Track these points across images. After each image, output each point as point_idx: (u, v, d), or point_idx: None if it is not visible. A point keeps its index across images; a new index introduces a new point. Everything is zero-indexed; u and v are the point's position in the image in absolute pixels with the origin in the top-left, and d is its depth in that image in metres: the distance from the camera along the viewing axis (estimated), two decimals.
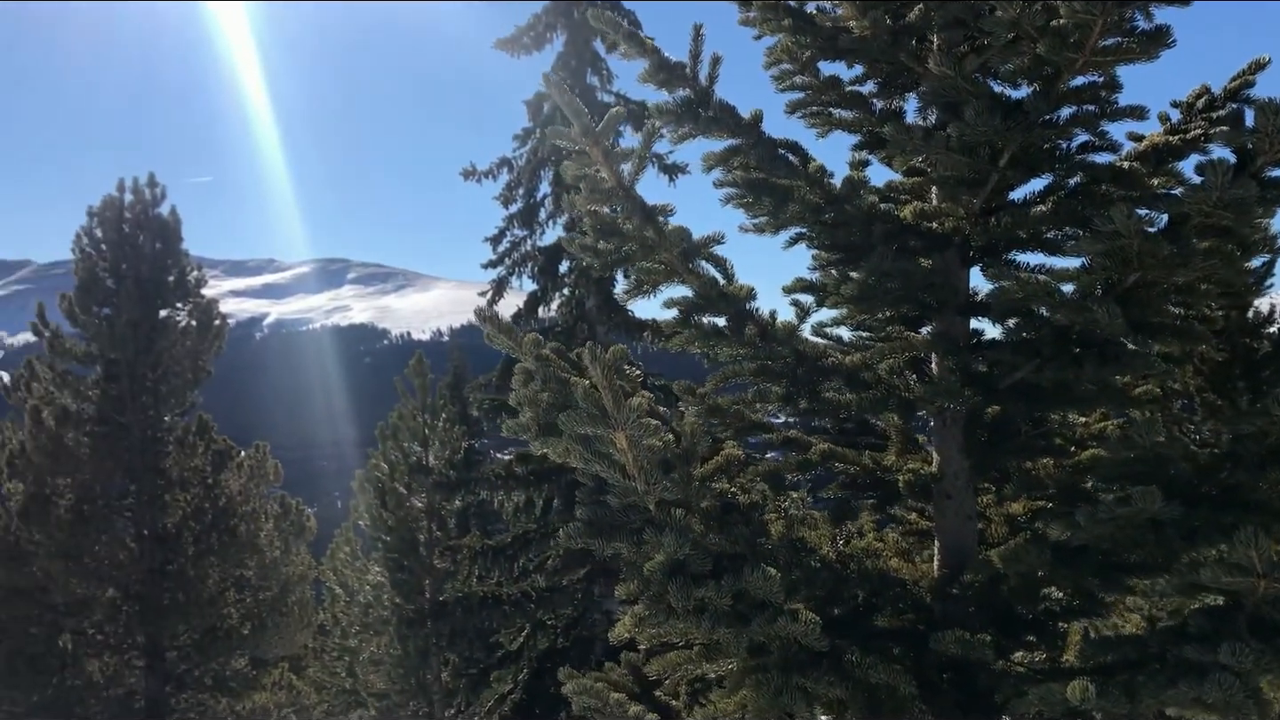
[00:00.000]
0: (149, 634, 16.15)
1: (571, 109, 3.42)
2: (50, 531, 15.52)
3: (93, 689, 16.27)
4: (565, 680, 3.91)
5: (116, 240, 17.02)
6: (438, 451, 15.85)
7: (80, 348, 16.77)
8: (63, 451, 15.97)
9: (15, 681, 15.64)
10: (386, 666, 14.15)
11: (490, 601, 14.34)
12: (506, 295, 17.20)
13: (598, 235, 3.66)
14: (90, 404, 16.54)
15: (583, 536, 3.10)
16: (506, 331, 3.14)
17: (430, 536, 15.13)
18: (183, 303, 17.43)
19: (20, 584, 15.62)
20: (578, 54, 16.44)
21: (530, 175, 16.82)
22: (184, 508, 16.64)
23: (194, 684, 16.92)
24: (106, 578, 16.07)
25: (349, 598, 17.66)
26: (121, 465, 16.42)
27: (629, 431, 2.82)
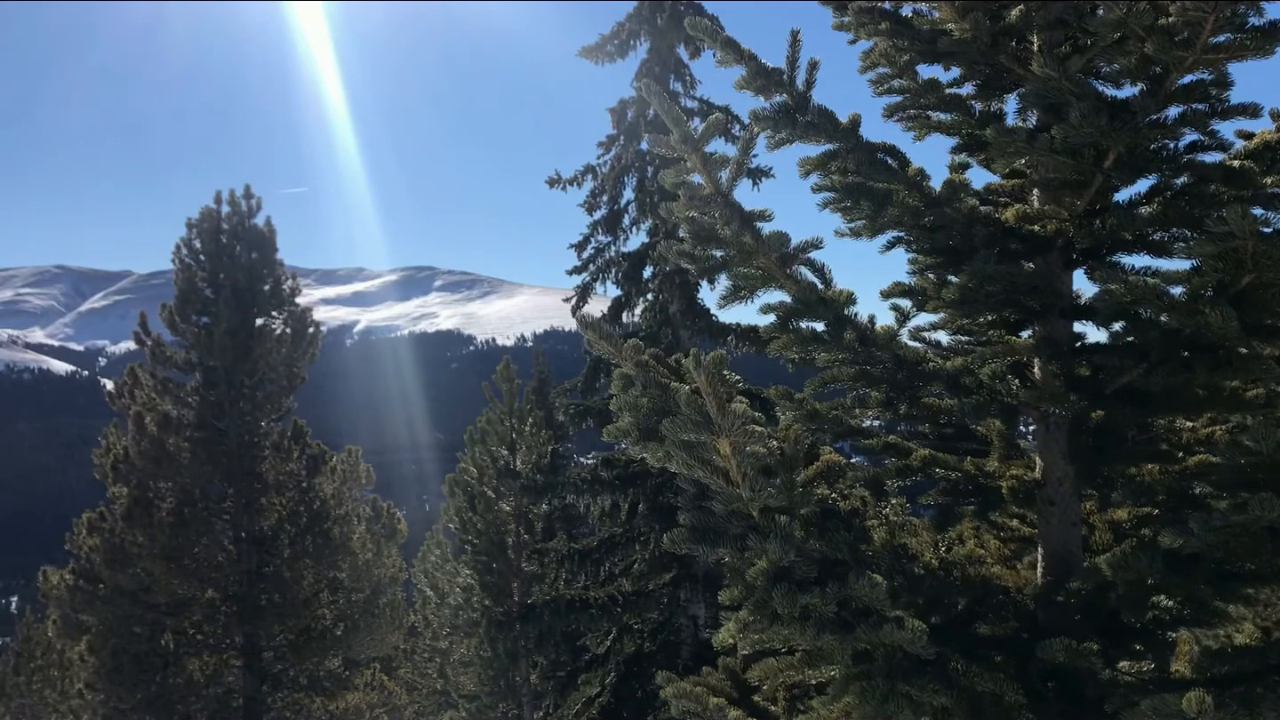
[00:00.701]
0: (246, 634, 16.54)
1: (671, 117, 3.44)
2: (153, 534, 15.99)
3: (193, 687, 16.70)
4: (663, 684, 3.92)
5: (214, 251, 17.48)
6: (525, 455, 15.99)
7: (180, 355, 17.24)
8: (164, 456, 16.44)
9: (120, 679, 16.13)
10: (476, 668, 14.33)
11: (577, 605, 14.42)
12: (591, 301, 17.29)
13: (696, 242, 3.67)
14: (190, 410, 17.00)
15: (686, 542, 3.11)
16: (606, 338, 3.17)
17: (518, 540, 15.28)
18: (278, 311, 17.83)
19: (124, 584, 16.11)
20: (661, 60, 16.47)
21: (614, 182, 16.89)
22: (280, 511, 17.02)
23: (289, 684, 17.27)
24: (206, 579, 16.48)
25: (439, 600, 17.91)
26: (220, 469, 16.85)
27: (732, 438, 2.83)
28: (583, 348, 16.77)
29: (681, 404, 2.82)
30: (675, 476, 15.10)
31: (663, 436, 3.01)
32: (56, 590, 17.44)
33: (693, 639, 15.29)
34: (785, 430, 3.35)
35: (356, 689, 17.72)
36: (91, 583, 16.75)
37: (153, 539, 15.97)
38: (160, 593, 16.14)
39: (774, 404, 4.30)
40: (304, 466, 17.37)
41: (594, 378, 16.48)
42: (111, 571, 16.21)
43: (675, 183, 3.64)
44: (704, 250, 3.69)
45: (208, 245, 17.49)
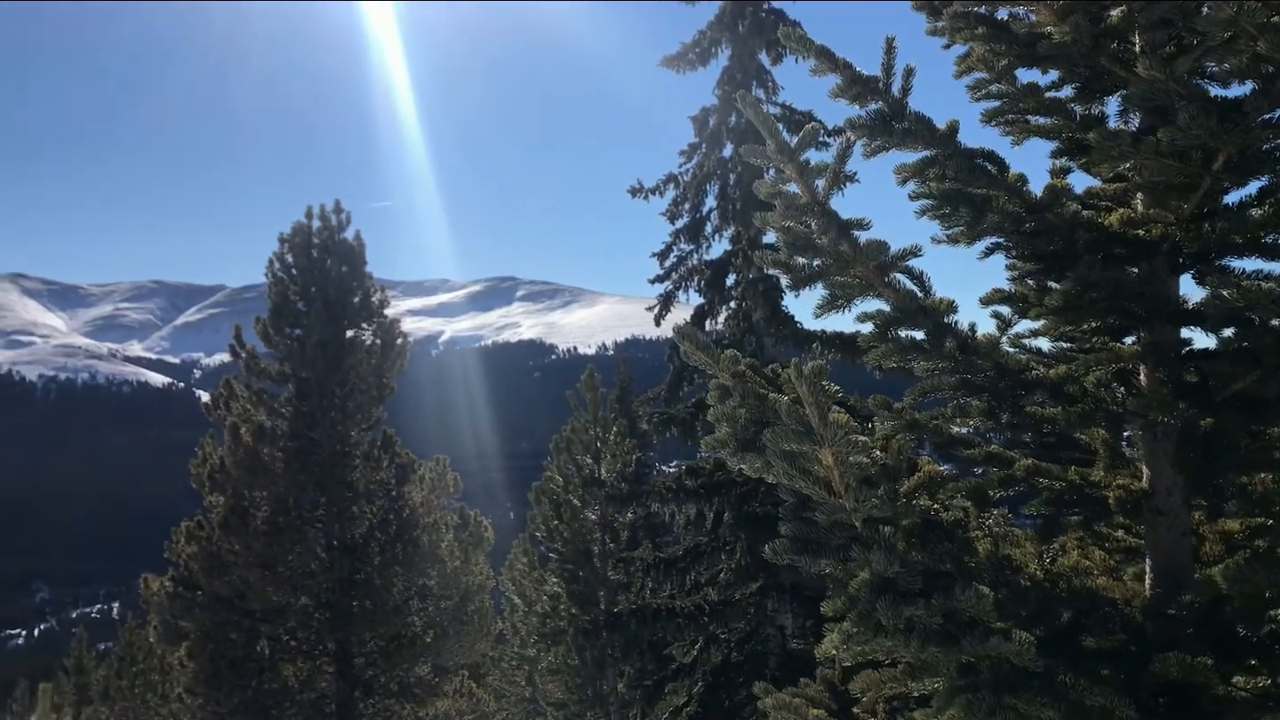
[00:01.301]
0: (339, 640, 16.85)
1: (766, 127, 3.45)
2: (248, 541, 16.37)
3: (288, 693, 17.04)
4: (761, 695, 3.90)
5: (306, 265, 17.86)
6: (609, 464, 16.05)
7: (274, 367, 17.64)
8: (259, 466, 16.83)
9: (218, 684, 16.53)
10: (564, 676, 14.41)
11: (663, 614, 14.41)
12: (673, 309, 17.29)
13: (791, 251, 3.66)
14: (284, 420, 17.38)
15: (788, 553, 3.10)
16: (703, 348, 3.18)
17: (604, 548, 15.34)
18: (367, 323, 18.16)
19: (221, 591, 16.52)
20: (743, 68, 16.45)
21: (696, 190, 16.89)
22: (370, 519, 17.31)
23: (380, 690, 17.54)
24: (300, 586, 16.82)
25: (527, 608, 18.05)
26: (313, 478, 17.19)
27: (835, 448, 2.81)
28: (665, 356, 16.78)
29: (782, 414, 2.82)
30: (761, 485, 15.02)
31: (761, 447, 3.00)
32: (157, 597, 17.96)
33: (780, 649, 15.18)
34: (888, 440, 3.32)
35: (446, 696, 17.93)
36: (190, 590, 17.21)
37: (248, 547, 16.35)
38: (256, 599, 16.51)
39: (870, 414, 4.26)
40: (393, 475, 17.63)
41: (677, 386, 16.47)
42: (209, 579, 16.63)
43: (771, 192, 3.64)
44: (799, 259, 3.68)
45: (300, 259, 17.87)
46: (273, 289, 17.85)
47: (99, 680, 29.78)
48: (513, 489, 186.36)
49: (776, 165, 3.54)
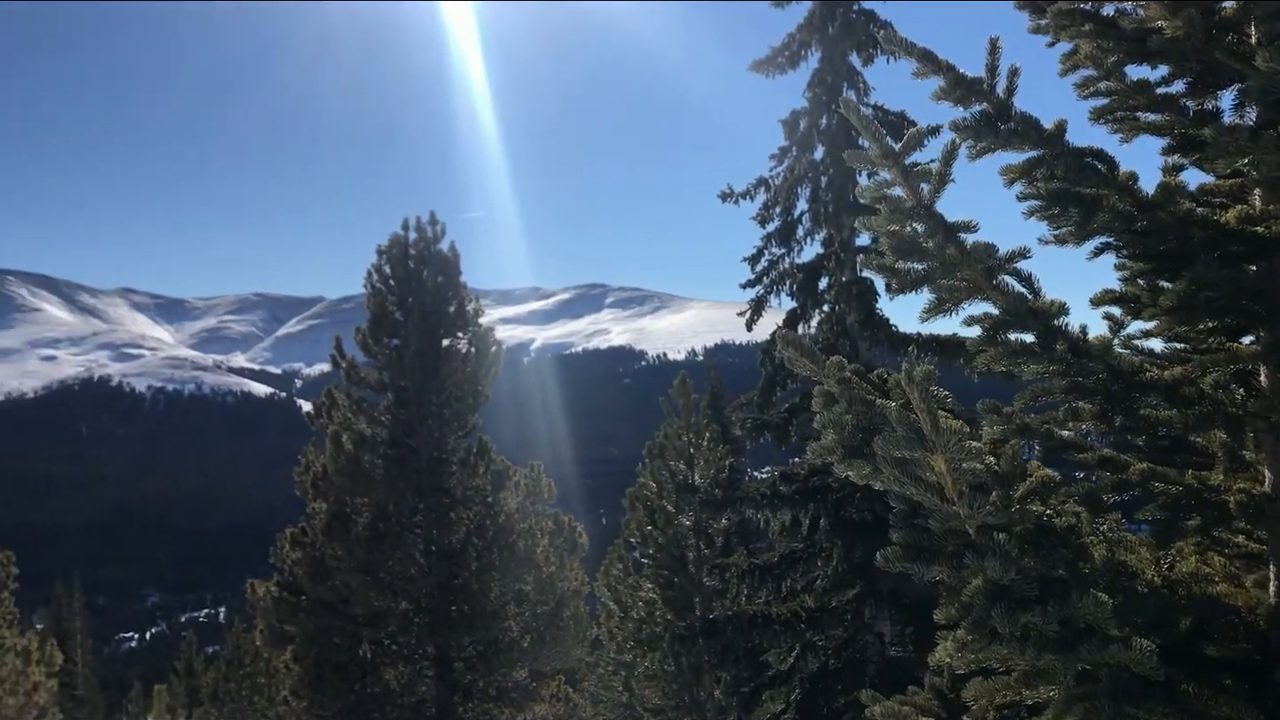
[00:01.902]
0: (438, 645, 17.11)
1: (869, 130, 3.43)
2: (350, 547, 16.73)
3: (389, 696, 17.36)
4: (869, 703, 3.87)
5: (403, 276, 18.21)
6: (703, 470, 16.04)
7: (373, 376, 18.00)
8: (360, 473, 17.19)
9: (323, 687, 16.91)
10: (661, 682, 14.42)
11: (760, 621, 14.33)
12: (765, 314, 17.22)
13: (896, 255, 3.64)
14: (383, 428, 17.73)
15: (900, 560, 3.08)
16: (808, 354, 3.17)
17: (698, 554, 15.33)
18: (462, 332, 18.43)
19: (325, 596, 16.90)
20: (834, 70, 16.33)
21: (787, 193, 16.80)
22: (467, 525, 17.54)
23: (479, 694, 17.75)
24: (400, 591, 17.13)
25: (623, 613, 18.12)
26: (412, 485, 17.50)
27: (947, 454, 2.79)
28: (757, 361, 16.72)
29: (893, 420, 2.80)
30: (857, 491, 14.85)
31: (869, 453, 2.98)
32: (263, 601, 18.45)
33: (879, 657, 15.00)
34: (1001, 445, 3.27)
35: (543, 700, 18.08)
36: (295, 594, 17.64)
37: (350, 552, 16.70)
38: (358, 604, 16.86)
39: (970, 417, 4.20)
40: (489, 481, 17.85)
41: (770, 391, 16.39)
42: (313, 584, 17.03)
43: (875, 196, 3.62)
44: (905, 263, 3.65)
45: (397, 270, 18.23)
46: (371, 300, 18.22)
47: (208, 682, 30.70)
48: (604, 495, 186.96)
49: (881, 169, 3.52)
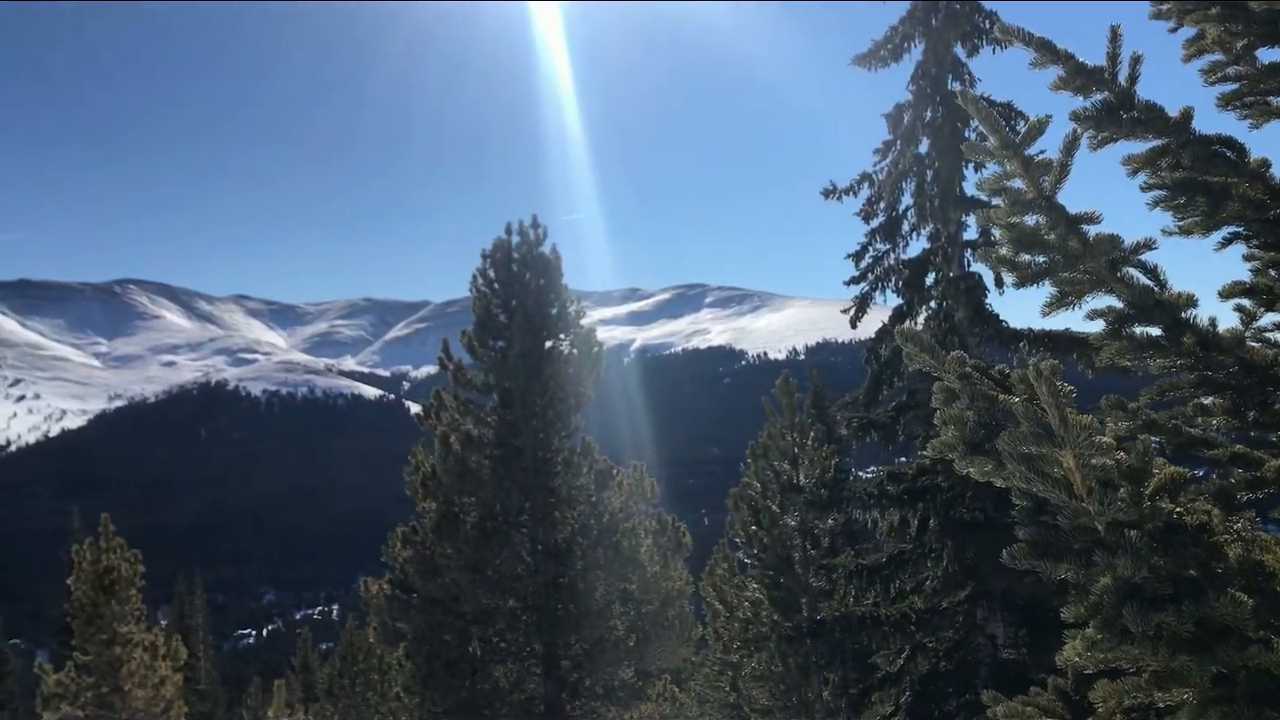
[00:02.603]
0: (545, 643, 17.31)
1: (989, 122, 3.37)
2: (459, 546, 17.04)
3: (499, 693, 17.62)
4: (990, 704, 3.81)
5: (507, 279, 18.46)
6: (807, 470, 15.92)
7: (479, 378, 18.29)
8: (468, 473, 17.50)
9: (434, 684, 17.25)
10: (768, 682, 14.37)
11: (868, 622, 14.18)
12: (870, 311, 17.02)
13: (1017, 248, 3.57)
14: (489, 429, 18.00)
15: (1026, 558, 3.02)
16: (928, 349, 3.13)
17: (804, 555, 15.22)
18: (565, 333, 18.61)
19: (435, 594, 17.24)
20: (938, 61, 16.06)
21: (891, 188, 16.57)
22: (572, 524, 17.71)
23: (586, 692, 17.91)
24: (507, 589, 17.38)
25: (728, 613, 18.10)
26: (517, 485, 17.74)
27: (1076, 449, 2.73)
28: (862, 359, 16.54)
29: (1019, 416, 2.75)
30: (967, 490, 14.59)
31: (991, 450, 2.94)
32: (375, 599, 18.90)
33: (992, 659, 14.70)
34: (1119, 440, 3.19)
35: (649, 699, 18.16)
36: (406, 592, 18.04)
37: (459, 551, 17.01)
38: (467, 602, 17.16)
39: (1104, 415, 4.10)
40: (593, 481, 17.99)
41: (876, 389, 16.19)
42: (423, 581, 17.38)
43: (994, 188, 3.56)
44: (1025, 256, 3.58)
45: (501, 274, 18.49)
46: (476, 303, 18.51)
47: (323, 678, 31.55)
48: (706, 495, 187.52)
49: (1000, 161, 3.46)
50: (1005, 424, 2.92)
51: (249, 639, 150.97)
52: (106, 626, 16.77)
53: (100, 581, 16.83)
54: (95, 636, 16.77)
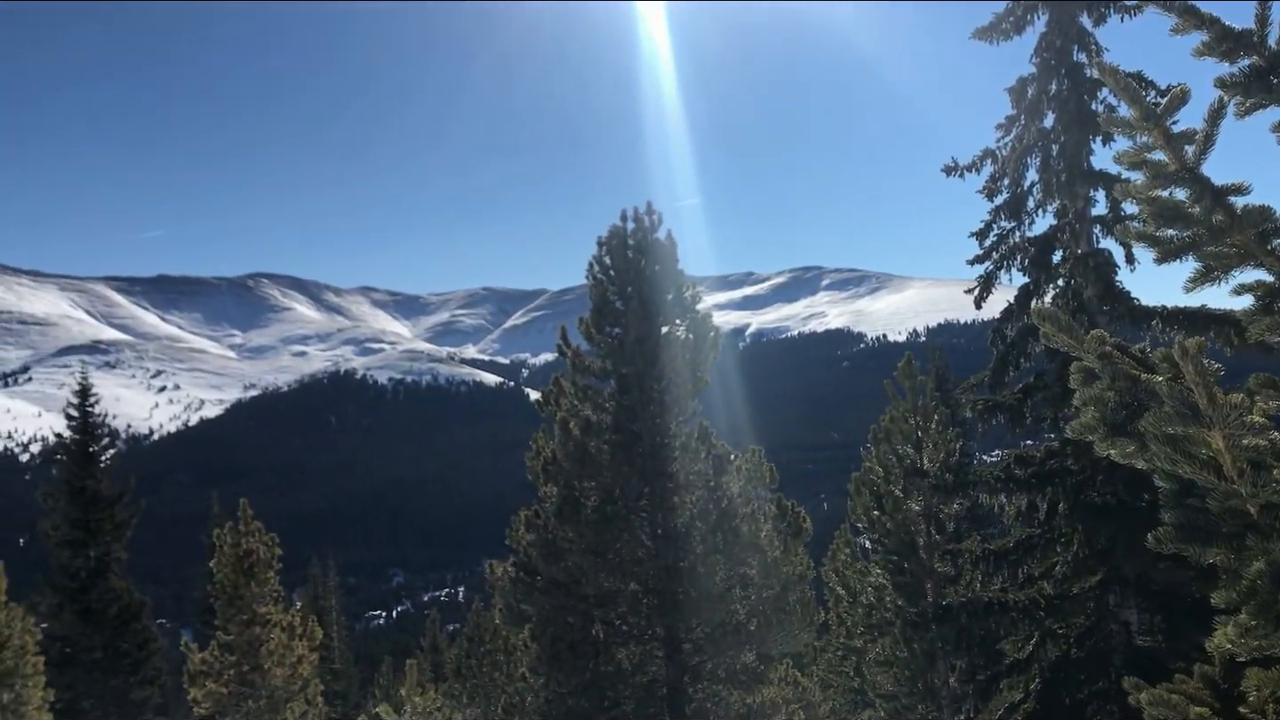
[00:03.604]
0: (667, 626, 17.40)
1: (1128, 92, 3.26)
2: (580, 530, 17.24)
3: (621, 676, 17.79)
4: (1132, 690, 3.70)
5: (623, 266, 18.55)
6: (931, 454, 15.64)
7: (597, 364, 18.46)
8: (587, 458, 17.69)
9: (559, 665, 17.52)
10: (893, 668, 14.20)
11: (995, 607, 13.88)
12: (994, 291, 16.60)
13: (1158, 223, 3.44)
14: (607, 414, 18.15)
15: (1173, 542, 2.92)
16: (1065, 329, 3.05)
17: (929, 540, 14.97)
18: (681, 318, 18.63)
19: (558, 577, 17.49)
20: (1062, 32, 15.54)
21: (1015, 164, 16.12)
22: (690, 509, 17.75)
23: (708, 676, 17.95)
24: (628, 573, 17.52)
25: (851, 599, 17.93)
26: (636, 470, 17.86)
27: (1225, 429, 2.63)
28: (987, 340, 16.17)
29: (1164, 396, 2.66)
30: (1098, 474, 14.16)
31: (1133, 431, 2.85)
32: (500, 581, 19.28)
33: (1125, 646, 14.26)
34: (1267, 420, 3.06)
35: (771, 684, 18.10)
36: (530, 575, 18.35)
37: (581, 535, 17.22)
38: (589, 585, 17.36)
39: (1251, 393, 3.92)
40: (711, 466, 17.99)
41: (1002, 371, 15.81)
42: (546, 564, 17.66)
43: (1134, 161, 3.43)
44: (1167, 231, 3.45)
45: (617, 260, 18.58)
46: (593, 290, 18.65)
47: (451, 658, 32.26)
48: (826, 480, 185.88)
49: (1139, 133, 3.34)
50: (1148, 404, 2.82)
51: (379, 620, 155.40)
52: (246, 607, 17.48)
53: (240, 564, 17.55)
54: (236, 617, 17.50)
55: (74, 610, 23.34)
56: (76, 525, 23.96)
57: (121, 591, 24.14)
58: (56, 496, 24.35)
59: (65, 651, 22.70)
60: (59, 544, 23.93)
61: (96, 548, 23.90)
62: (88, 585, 23.62)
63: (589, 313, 18.68)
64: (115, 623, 23.77)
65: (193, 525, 55.30)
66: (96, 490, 24.35)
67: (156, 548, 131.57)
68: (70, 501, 24.14)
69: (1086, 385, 2.98)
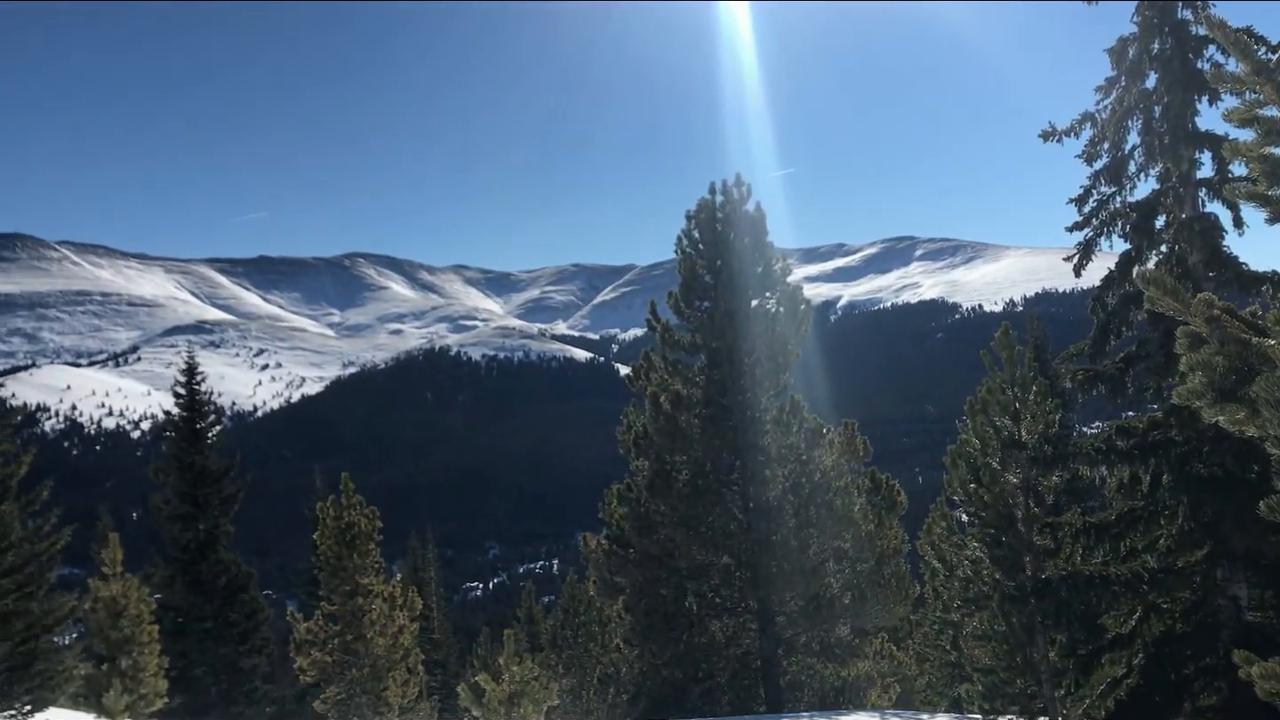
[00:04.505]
0: (760, 599, 17.45)
1: (1239, 47, 3.13)
2: (672, 503, 17.36)
3: (715, 647, 17.92)
4: (1242, 663, 3.60)
5: (711, 239, 18.51)
6: (1029, 425, 15.28)
7: (686, 339, 18.49)
8: (678, 432, 17.77)
9: (653, 636, 17.70)
10: (991, 643, 13.97)
11: (1096, 581, 13.58)
12: (1094, 258, 16.15)
13: (1270, 182, 3.31)
14: (698, 389, 18.21)
15: None
16: (1171, 293, 2.96)
17: (1027, 512, 14.64)
18: (771, 291, 18.55)
19: (651, 550, 17.65)
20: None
21: (1115, 127, 15.62)
22: (782, 483, 17.74)
23: (802, 649, 17.97)
24: (720, 546, 17.60)
25: (948, 572, 17.65)
26: (727, 444, 17.90)
27: None
28: (1087, 309, 15.76)
29: (1276, 359, 2.57)
30: (1204, 445, 13.74)
31: (1244, 397, 2.76)
32: (594, 554, 19.51)
33: (1235, 621, 13.83)
34: None
35: (866, 657, 18.05)
36: (623, 548, 18.55)
37: (672, 508, 17.34)
38: (681, 558, 17.49)
39: None
40: (803, 439, 17.94)
41: (1103, 340, 15.40)
42: (639, 537, 17.83)
43: (1245, 118, 3.30)
44: (1278, 190, 3.31)
45: (705, 234, 18.55)
46: (682, 264, 18.65)
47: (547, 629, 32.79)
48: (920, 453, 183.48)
49: (1249, 89, 3.21)
50: (1260, 369, 2.73)
51: (476, 591, 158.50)
52: (349, 578, 17.94)
53: (342, 537, 18.00)
54: (339, 588, 17.98)
55: (185, 581, 24.21)
56: (186, 499, 24.81)
57: (230, 563, 24.95)
58: (166, 472, 25.22)
59: (178, 621, 23.57)
60: (170, 518, 24.79)
61: (205, 521, 24.71)
62: (198, 557, 24.46)
63: (678, 287, 18.69)
64: (224, 594, 24.61)
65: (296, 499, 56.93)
66: (204, 466, 25.16)
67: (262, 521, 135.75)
68: (179, 477, 24.98)
69: (1193, 350, 2.89)
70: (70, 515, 15.93)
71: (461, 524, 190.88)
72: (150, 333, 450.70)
